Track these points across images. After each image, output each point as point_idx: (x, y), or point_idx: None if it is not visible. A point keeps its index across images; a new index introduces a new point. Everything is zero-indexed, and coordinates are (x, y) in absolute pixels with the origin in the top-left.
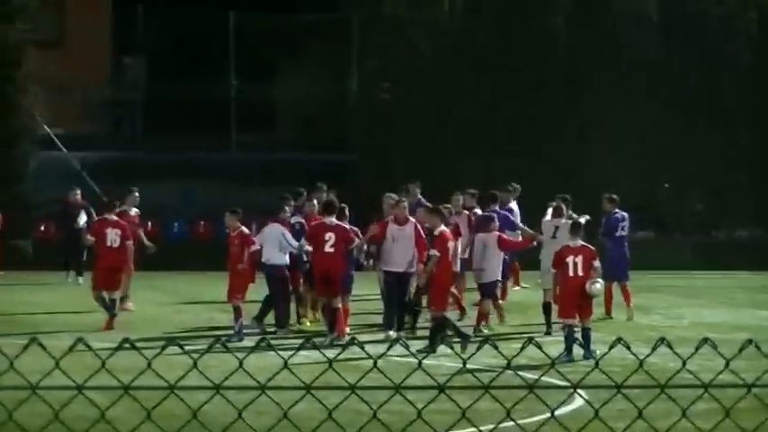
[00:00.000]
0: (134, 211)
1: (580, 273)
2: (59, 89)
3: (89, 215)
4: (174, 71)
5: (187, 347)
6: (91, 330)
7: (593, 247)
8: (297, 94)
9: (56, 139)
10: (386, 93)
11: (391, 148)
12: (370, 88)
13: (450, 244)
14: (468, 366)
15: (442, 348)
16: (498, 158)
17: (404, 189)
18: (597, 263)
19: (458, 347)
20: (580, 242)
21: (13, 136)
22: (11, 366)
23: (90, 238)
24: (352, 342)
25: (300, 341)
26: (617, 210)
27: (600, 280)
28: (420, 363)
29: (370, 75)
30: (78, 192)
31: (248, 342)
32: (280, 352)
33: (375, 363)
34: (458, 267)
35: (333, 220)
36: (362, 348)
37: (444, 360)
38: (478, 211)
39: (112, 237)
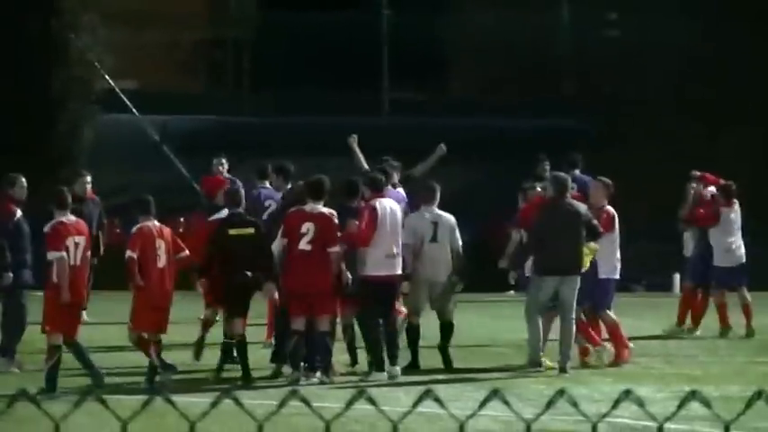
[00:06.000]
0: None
1: None
2: (130, 24)
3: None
4: None
5: None
6: None
7: None
8: (479, 31)
9: (123, 98)
10: (612, 27)
11: (622, 109)
12: (587, 20)
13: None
14: None
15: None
16: None
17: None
18: None
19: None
20: None
21: (59, 94)
22: None
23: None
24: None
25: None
26: None
27: None
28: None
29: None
30: (88, 179)
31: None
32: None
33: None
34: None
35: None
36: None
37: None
38: None
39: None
